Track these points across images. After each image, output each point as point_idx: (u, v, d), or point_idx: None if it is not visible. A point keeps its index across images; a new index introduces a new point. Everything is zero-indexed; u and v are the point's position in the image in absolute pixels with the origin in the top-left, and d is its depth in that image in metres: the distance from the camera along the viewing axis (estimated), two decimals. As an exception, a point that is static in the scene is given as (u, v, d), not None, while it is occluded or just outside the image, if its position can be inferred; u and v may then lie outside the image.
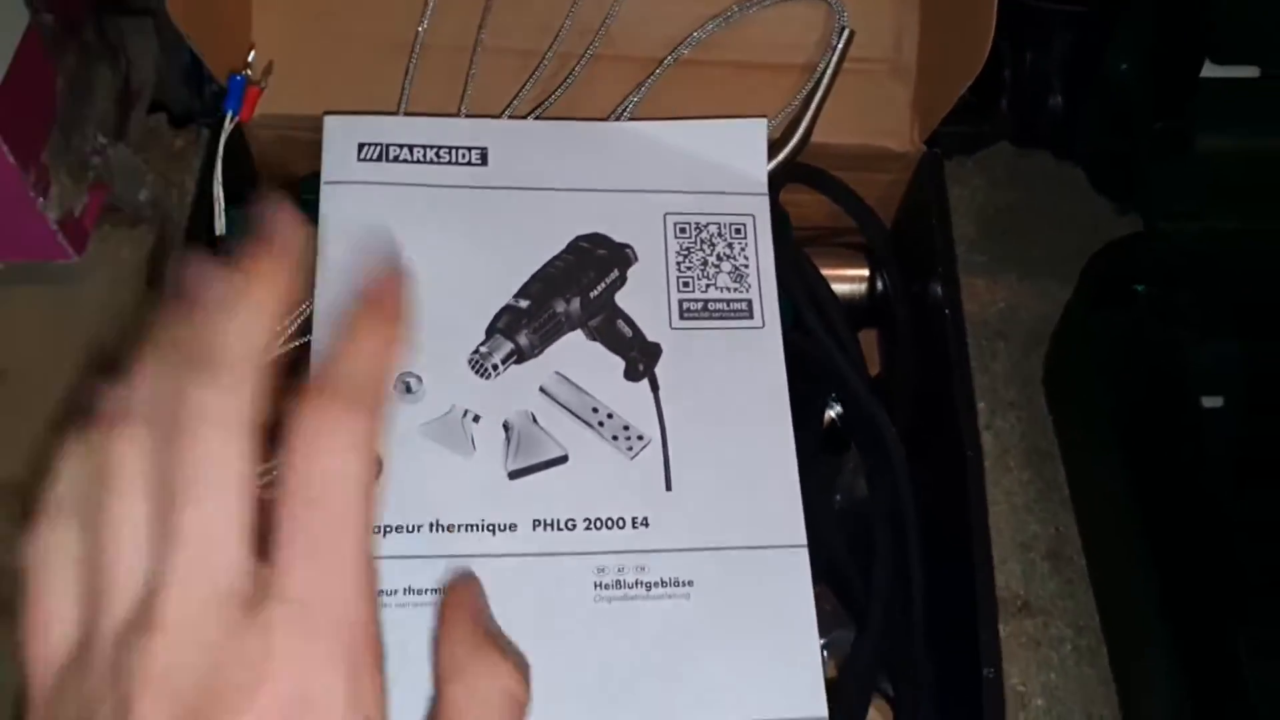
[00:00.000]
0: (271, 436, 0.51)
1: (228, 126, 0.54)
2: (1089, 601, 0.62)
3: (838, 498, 0.59)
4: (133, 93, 0.72)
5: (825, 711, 0.47)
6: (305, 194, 0.56)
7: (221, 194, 0.52)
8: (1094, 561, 0.62)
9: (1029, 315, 0.70)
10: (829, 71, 0.59)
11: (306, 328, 0.53)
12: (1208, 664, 0.53)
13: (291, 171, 0.61)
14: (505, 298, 0.53)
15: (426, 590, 0.48)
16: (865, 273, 0.62)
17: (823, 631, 0.50)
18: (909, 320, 0.60)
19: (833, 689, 0.48)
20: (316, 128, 0.57)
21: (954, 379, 0.54)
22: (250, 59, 0.56)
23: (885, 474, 0.55)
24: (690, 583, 0.49)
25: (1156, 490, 0.57)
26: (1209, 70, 0.59)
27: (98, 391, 0.28)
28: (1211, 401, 0.64)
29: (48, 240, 0.66)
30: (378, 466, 0.29)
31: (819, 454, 0.58)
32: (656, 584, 0.49)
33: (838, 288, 0.61)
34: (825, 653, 0.51)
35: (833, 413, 0.59)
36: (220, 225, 0.53)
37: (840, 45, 0.59)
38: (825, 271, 0.61)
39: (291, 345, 0.53)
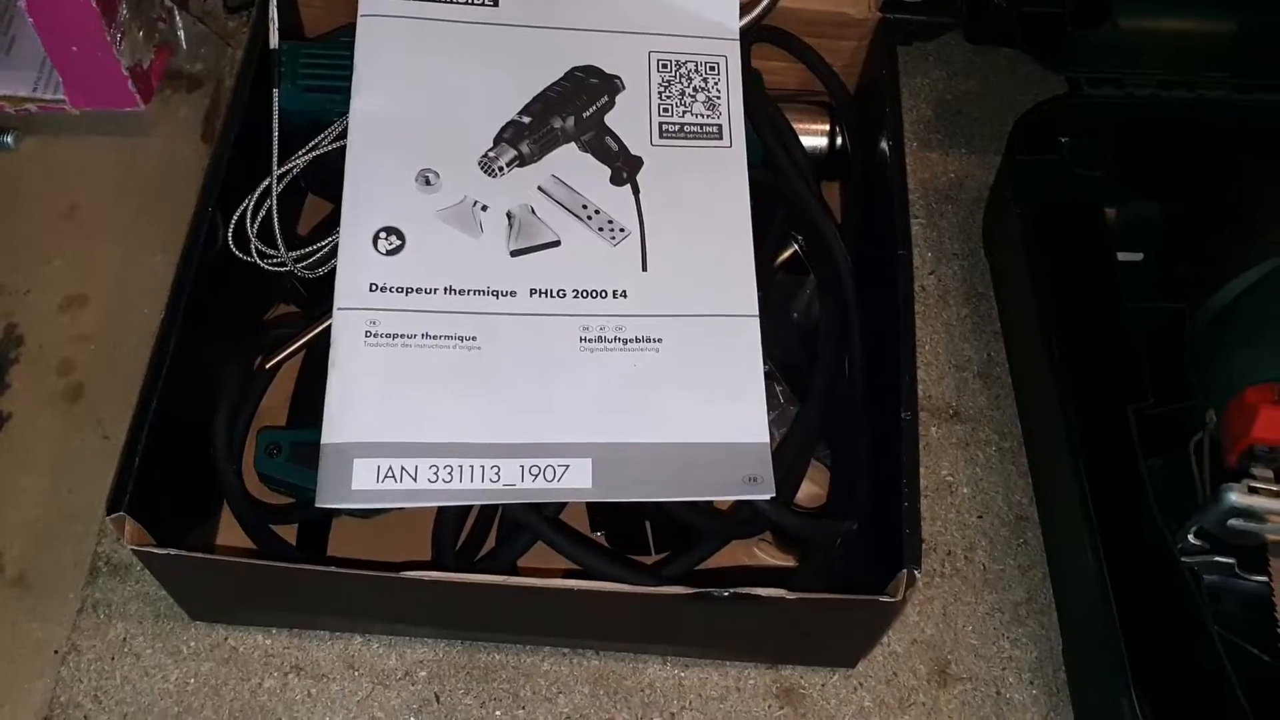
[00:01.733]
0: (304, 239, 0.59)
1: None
2: (1013, 414, 0.70)
3: (795, 315, 0.68)
4: (194, -30, 0.83)
5: (766, 439, 0.56)
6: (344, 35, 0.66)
7: (275, 13, 0.62)
8: (1016, 374, 0.71)
9: (975, 183, 0.79)
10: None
11: (342, 134, 0.63)
12: (1103, 442, 0.61)
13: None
14: (511, 114, 0.63)
15: (440, 336, 0.57)
16: (826, 127, 0.72)
17: (773, 409, 0.59)
18: (862, 164, 0.69)
19: (777, 452, 0.57)
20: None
21: (894, 198, 0.63)
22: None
23: (834, 281, 0.64)
24: (659, 340, 0.58)
25: (1071, 310, 0.66)
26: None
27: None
28: (1130, 256, 0.73)
29: (120, 88, 0.76)
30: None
31: (780, 276, 0.68)
32: (632, 340, 0.58)
33: (803, 141, 0.70)
34: (774, 428, 0.60)
35: (797, 245, 0.68)
36: (274, 40, 0.62)
37: (806, -83, 0.68)
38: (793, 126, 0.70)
39: (332, 147, 0.63)
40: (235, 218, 0.62)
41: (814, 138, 0.71)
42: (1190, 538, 0.59)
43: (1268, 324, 0.61)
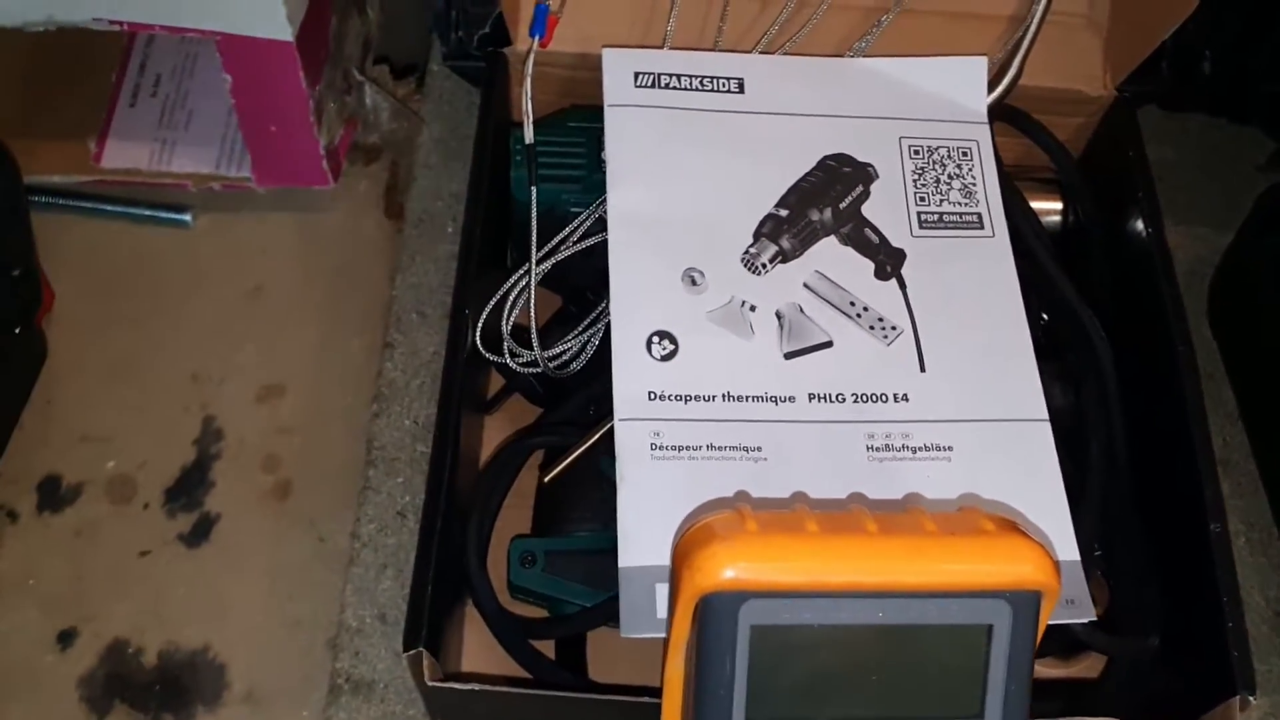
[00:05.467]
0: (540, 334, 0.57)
1: (535, 48, 0.61)
2: (1259, 501, 0.68)
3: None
4: (370, 40, 0.80)
5: (1078, 556, 0.54)
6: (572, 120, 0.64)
7: (531, 109, 0.60)
8: (1265, 464, 0.68)
9: (1186, 256, 0.77)
10: (1036, 21, 0.66)
11: (589, 232, 0.61)
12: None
13: (544, 105, 0.68)
14: (767, 207, 0.61)
15: (725, 447, 0.55)
16: (1057, 206, 0.69)
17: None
18: (1102, 243, 0.67)
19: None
20: (573, 65, 0.64)
21: (1163, 287, 0.61)
22: (546, -8, 0.63)
23: (1094, 370, 0.62)
24: (950, 448, 0.56)
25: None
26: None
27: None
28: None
29: (314, 167, 0.73)
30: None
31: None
32: (921, 449, 0.56)
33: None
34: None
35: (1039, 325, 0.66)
36: (529, 134, 0.60)
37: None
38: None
39: (584, 245, 0.60)
40: (484, 317, 0.59)
41: (1044, 216, 0.69)
42: None
43: None
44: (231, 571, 0.65)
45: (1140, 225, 0.64)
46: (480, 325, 0.59)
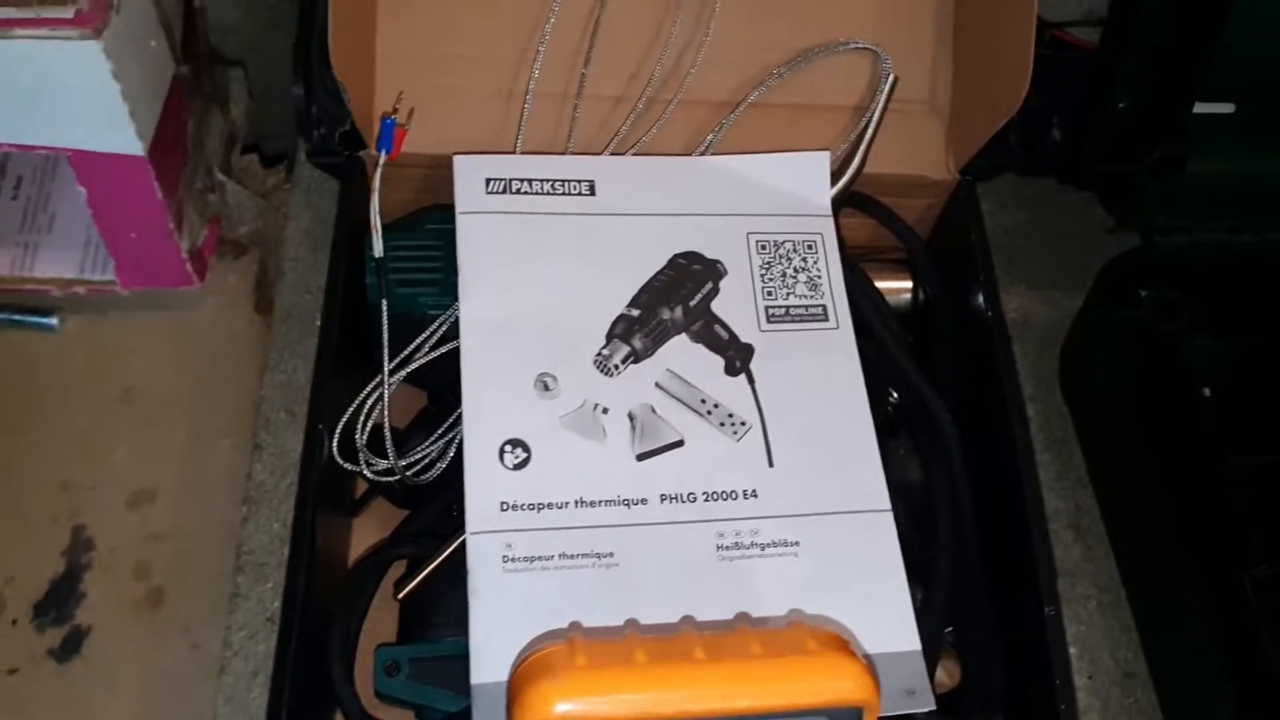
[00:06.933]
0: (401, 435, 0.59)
1: (382, 162, 0.62)
2: (1109, 564, 0.71)
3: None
4: (234, 135, 0.80)
5: (919, 646, 0.56)
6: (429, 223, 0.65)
7: (379, 221, 0.60)
8: (1114, 528, 0.71)
9: (1040, 321, 0.80)
10: (878, 112, 0.68)
11: (447, 336, 0.62)
12: (1217, 602, 0.62)
13: (403, 204, 0.69)
14: (619, 308, 0.62)
15: (576, 554, 0.56)
16: (907, 285, 0.72)
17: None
18: (951, 322, 0.69)
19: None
20: (431, 165, 0.65)
21: (1000, 367, 0.63)
22: (397, 104, 0.64)
23: (941, 450, 0.64)
24: (797, 543, 0.58)
25: (1165, 462, 0.67)
26: (1196, 107, 0.70)
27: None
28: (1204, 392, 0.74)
29: (178, 269, 0.73)
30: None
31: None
32: (769, 544, 0.57)
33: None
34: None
35: (888, 404, 0.69)
36: (379, 248, 0.61)
37: (887, 89, 0.68)
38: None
39: (439, 352, 0.61)
40: (340, 428, 0.60)
41: (892, 296, 0.72)
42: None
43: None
44: (103, 685, 0.65)
45: (982, 303, 0.66)
46: (337, 434, 0.60)
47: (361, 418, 0.60)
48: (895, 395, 0.68)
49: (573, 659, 0.43)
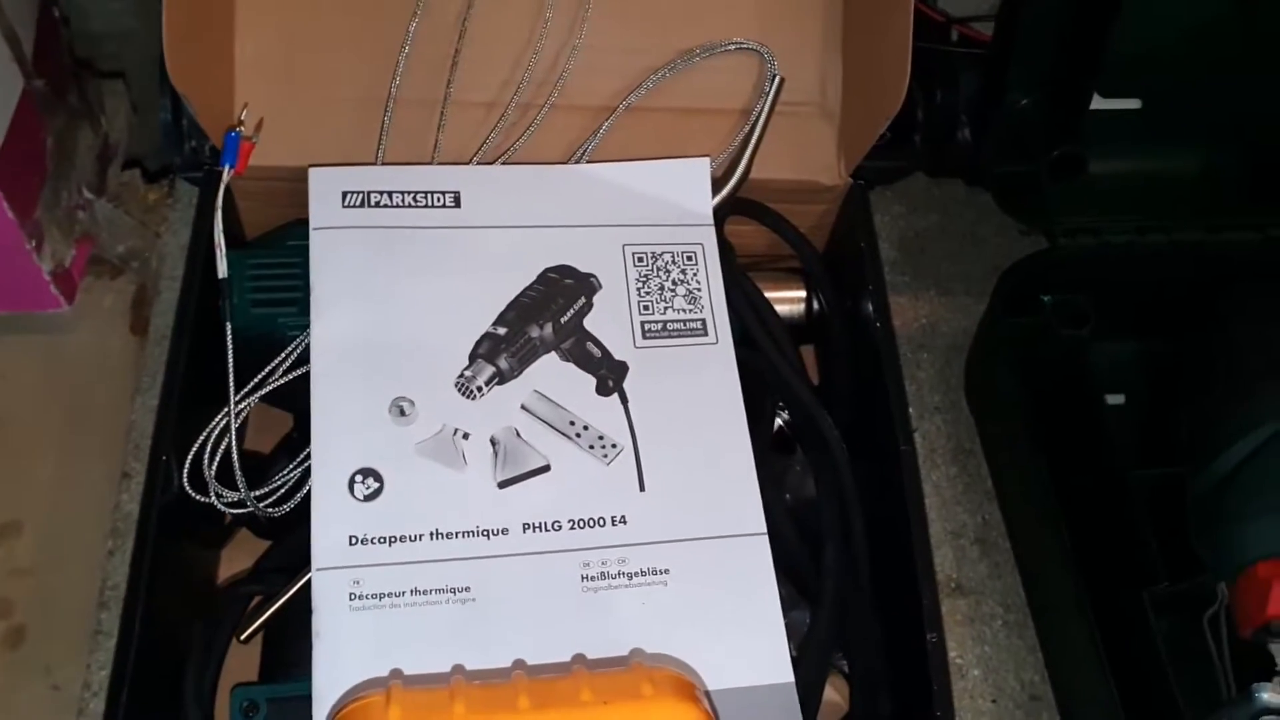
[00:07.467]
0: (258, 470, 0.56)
1: (226, 178, 0.59)
2: (1015, 581, 0.68)
3: (787, 496, 0.65)
4: (109, 150, 0.77)
5: (792, 678, 0.53)
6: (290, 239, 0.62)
7: (223, 240, 0.57)
8: (1017, 544, 0.69)
9: (949, 328, 0.77)
10: (763, 115, 0.65)
11: (305, 358, 0.59)
12: (1118, 622, 0.60)
13: (274, 218, 0.66)
14: (484, 326, 0.59)
15: (430, 590, 0.53)
16: (802, 294, 0.69)
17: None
18: (844, 333, 0.66)
19: (793, 663, 0.54)
20: (298, 178, 0.62)
21: (888, 382, 0.60)
22: (243, 116, 0.61)
23: (830, 469, 0.61)
24: (666, 570, 0.55)
25: (1068, 477, 0.64)
26: (1097, 103, 0.67)
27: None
28: (1114, 398, 0.72)
29: (41, 291, 0.70)
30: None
31: (769, 455, 0.65)
32: (637, 574, 0.55)
33: (778, 308, 0.68)
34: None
35: (780, 420, 0.66)
36: (222, 268, 0.58)
37: (772, 91, 0.65)
38: (766, 294, 0.67)
39: (291, 376, 0.58)
40: (190, 459, 0.57)
41: (788, 305, 0.69)
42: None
43: (1271, 494, 0.60)
44: (-44, 731, 0.62)
45: (871, 313, 0.63)
46: (187, 464, 0.57)
47: (209, 446, 0.57)
48: (785, 413, 0.65)
49: (386, 711, 0.40)
